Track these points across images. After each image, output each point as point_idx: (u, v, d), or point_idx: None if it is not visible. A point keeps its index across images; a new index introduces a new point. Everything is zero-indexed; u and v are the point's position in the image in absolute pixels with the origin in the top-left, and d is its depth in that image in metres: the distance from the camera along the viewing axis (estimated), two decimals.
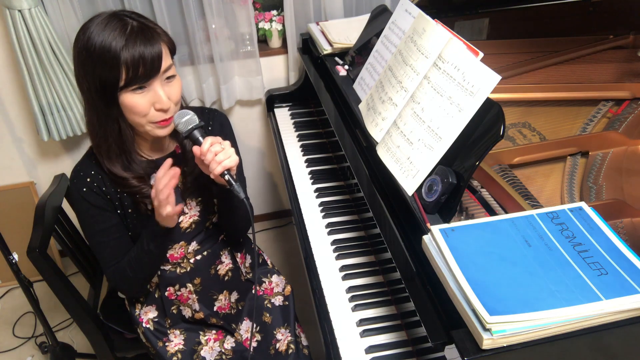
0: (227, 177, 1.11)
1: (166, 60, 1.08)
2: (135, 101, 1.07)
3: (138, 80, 1.04)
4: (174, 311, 1.37)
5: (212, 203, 1.32)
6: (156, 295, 1.36)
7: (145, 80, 1.05)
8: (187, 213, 1.29)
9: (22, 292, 1.65)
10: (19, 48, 1.82)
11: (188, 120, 1.11)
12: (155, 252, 1.24)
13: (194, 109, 1.28)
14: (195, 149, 1.11)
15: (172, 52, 1.13)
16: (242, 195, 1.11)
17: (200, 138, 1.11)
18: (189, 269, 1.34)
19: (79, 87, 1.11)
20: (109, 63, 1.02)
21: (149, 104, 1.08)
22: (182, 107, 1.22)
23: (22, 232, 1.92)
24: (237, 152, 1.35)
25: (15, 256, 1.54)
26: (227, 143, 1.12)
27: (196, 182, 1.27)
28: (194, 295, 1.35)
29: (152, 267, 1.29)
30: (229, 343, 1.39)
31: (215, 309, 1.39)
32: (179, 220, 1.28)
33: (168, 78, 1.10)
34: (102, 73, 1.04)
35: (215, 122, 1.33)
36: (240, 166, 1.36)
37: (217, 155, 1.09)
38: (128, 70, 1.03)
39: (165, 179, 1.10)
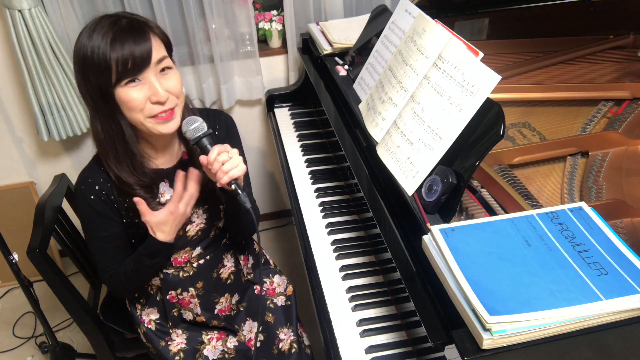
0: (233, 186, 1.10)
1: (158, 52, 1.06)
2: (130, 95, 1.05)
3: (128, 73, 1.03)
4: (175, 314, 1.37)
5: (218, 209, 1.32)
6: (157, 298, 1.36)
7: (136, 72, 1.04)
8: (194, 221, 1.28)
9: (22, 292, 1.65)
10: (19, 48, 1.82)
11: (197, 127, 1.10)
12: (160, 264, 1.25)
13: (199, 110, 1.27)
14: (202, 158, 1.10)
15: (168, 45, 1.12)
16: (248, 205, 1.10)
17: (209, 146, 1.10)
18: (191, 272, 1.33)
19: (81, 94, 1.11)
20: (99, 64, 1.02)
21: (144, 98, 1.06)
22: (187, 108, 1.20)
23: (22, 232, 1.92)
24: (243, 155, 1.35)
25: (15, 256, 1.54)
26: (235, 151, 1.11)
27: (203, 190, 1.25)
28: (196, 299, 1.35)
29: (151, 277, 1.31)
30: (232, 342, 1.39)
31: (216, 311, 1.39)
32: (186, 230, 1.28)
33: (163, 70, 1.09)
34: (95, 74, 1.04)
35: (221, 125, 1.31)
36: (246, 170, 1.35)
37: (224, 165, 1.08)
38: (117, 67, 1.02)
39: (189, 199, 1.17)
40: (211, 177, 1.14)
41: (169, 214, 1.17)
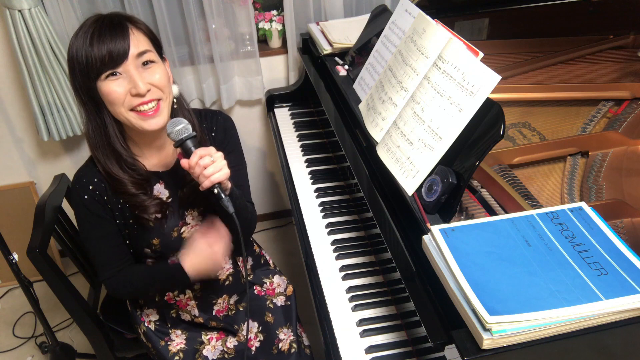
0: (216, 190, 1.08)
1: (138, 46, 1.06)
2: (111, 88, 1.06)
3: (107, 67, 1.04)
4: (173, 314, 1.37)
5: (214, 211, 1.30)
6: (156, 299, 1.36)
7: (114, 66, 1.05)
8: (190, 223, 1.27)
9: (22, 292, 1.65)
10: (19, 48, 1.82)
11: (180, 130, 1.08)
12: (169, 288, 1.32)
13: (196, 111, 1.27)
14: (184, 162, 1.08)
15: (154, 42, 1.12)
16: (230, 210, 1.09)
17: (192, 148, 1.08)
18: None
19: (72, 90, 1.12)
20: (81, 60, 1.04)
21: (125, 91, 1.06)
22: (181, 109, 1.20)
23: (22, 232, 1.92)
24: (242, 156, 1.34)
25: (15, 256, 1.54)
26: (219, 155, 1.09)
27: (195, 192, 1.23)
28: (193, 302, 1.35)
29: (157, 294, 1.35)
30: (231, 342, 1.39)
31: (214, 312, 1.38)
32: (181, 231, 1.27)
33: (146, 64, 1.08)
34: (79, 71, 1.06)
35: (219, 126, 1.30)
36: (243, 171, 1.33)
37: (205, 169, 1.06)
38: (96, 61, 1.03)
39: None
40: (196, 180, 1.12)
41: (211, 253, 1.19)
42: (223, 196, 1.09)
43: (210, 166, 1.07)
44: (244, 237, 1.13)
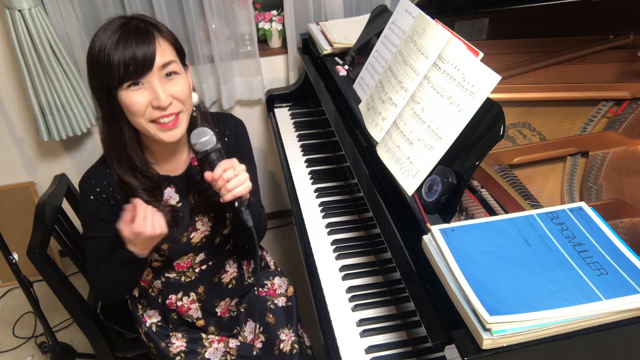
0: (236, 204, 1.08)
1: (163, 57, 1.04)
2: (132, 99, 1.03)
3: (130, 76, 1.02)
4: (174, 317, 1.37)
5: (224, 217, 1.30)
6: (159, 301, 1.36)
7: (138, 76, 1.02)
8: (199, 229, 1.27)
9: (22, 292, 1.65)
10: (19, 48, 1.82)
11: (206, 141, 1.07)
12: (129, 276, 1.23)
13: (210, 115, 1.26)
14: (207, 174, 1.08)
15: (179, 50, 1.10)
16: (250, 224, 1.08)
17: (216, 161, 1.07)
18: (193, 278, 1.33)
19: (90, 90, 1.10)
20: (104, 63, 1.01)
21: (146, 102, 1.04)
22: (201, 117, 1.18)
23: (22, 232, 1.92)
24: (253, 161, 1.35)
25: (15, 256, 1.54)
26: (242, 168, 1.08)
27: (207, 199, 1.23)
28: (196, 304, 1.35)
29: (126, 286, 1.30)
30: (233, 342, 1.39)
31: (219, 314, 1.39)
32: (190, 237, 1.26)
33: (169, 75, 1.06)
34: (100, 74, 1.03)
35: (231, 131, 1.29)
36: (254, 176, 1.33)
37: (228, 183, 1.06)
38: (119, 69, 1.01)
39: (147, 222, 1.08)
40: (217, 191, 1.11)
41: (131, 234, 1.10)
42: (243, 209, 1.08)
43: (233, 180, 1.06)
44: (258, 239, 1.11)
